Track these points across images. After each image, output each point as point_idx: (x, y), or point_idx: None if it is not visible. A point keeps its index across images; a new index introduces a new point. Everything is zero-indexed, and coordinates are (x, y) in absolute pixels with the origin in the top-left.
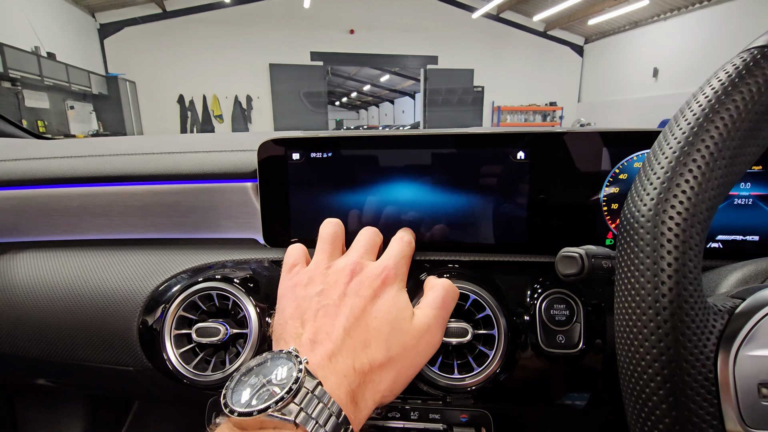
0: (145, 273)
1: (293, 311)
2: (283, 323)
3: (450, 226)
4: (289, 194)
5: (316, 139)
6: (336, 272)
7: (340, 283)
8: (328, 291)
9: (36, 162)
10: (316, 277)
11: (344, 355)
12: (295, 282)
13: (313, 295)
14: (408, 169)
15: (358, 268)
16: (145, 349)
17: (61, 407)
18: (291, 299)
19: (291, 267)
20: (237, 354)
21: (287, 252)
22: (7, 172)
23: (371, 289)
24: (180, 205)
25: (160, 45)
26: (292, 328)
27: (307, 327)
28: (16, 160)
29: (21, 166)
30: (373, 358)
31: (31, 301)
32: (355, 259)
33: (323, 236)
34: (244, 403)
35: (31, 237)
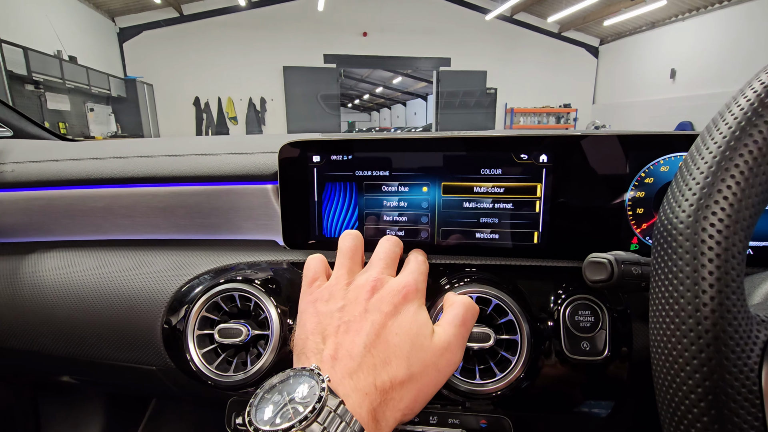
0: (168, 274)
1: (314, 326)
2: (304, 338)
3: (469, 230)
4: (308, 196)
5: (336, 141)
6: (357, 288)
7: (361, 299)
8: (348, 307)
9: (63, 163)
10: (336, 293)
11: (365, 372)
12: (315, 297)
13: (334, 311)
14: (427, 171)
15: (379, 284)
16: (168, 349)
17: (81, 404)
18: (312, 314)
19: (312, 281)
20: (258, 355)
21: (307, 264)
22: (36, 173)
23: (392, 305)
24: (201, 207)
25: (177, 48)
26: (313, 343)
27: (329, 343)
28: (44, 162)
29: (49, 168)
30: (393, 376)
31: (58, 300)
32: (376, 275)
33: (343, 250)
34: (267, 421)
35: (57, 237)
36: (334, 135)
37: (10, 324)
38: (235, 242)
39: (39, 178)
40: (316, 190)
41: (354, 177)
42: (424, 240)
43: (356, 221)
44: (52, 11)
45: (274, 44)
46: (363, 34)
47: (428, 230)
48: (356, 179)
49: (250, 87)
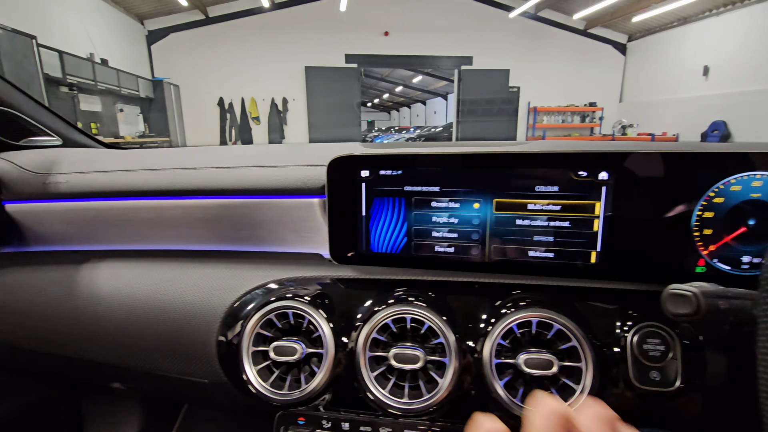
0: (220, 288)
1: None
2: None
3: (522, 248)
4: (356, 211)
5: (387, 156)
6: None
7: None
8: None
9: (113, 174)
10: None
11: None
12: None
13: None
14: (480, 188)
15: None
16: (223, 364)
17: (120, 406)
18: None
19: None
20: (311, 373)
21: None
22: (87, 184)
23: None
24: (247, 219)
25: (203, 50)
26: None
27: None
28: (94, 173)
29: (99, 179)
30: None
31: (112, 310)
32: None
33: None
34: None
35: (106, 246)
36: (383, 149)
37: (69, 333)
38: (280, 255)
39: (90, 189)
40: (364, 205)
41: (403, 192)
42: (474, 257)
43: (404, 237)
44: (86, 16)
45: (296, 44)
46: (384, 34)
47: (479, 247)
48: (405, 194)
49: (273, 87)
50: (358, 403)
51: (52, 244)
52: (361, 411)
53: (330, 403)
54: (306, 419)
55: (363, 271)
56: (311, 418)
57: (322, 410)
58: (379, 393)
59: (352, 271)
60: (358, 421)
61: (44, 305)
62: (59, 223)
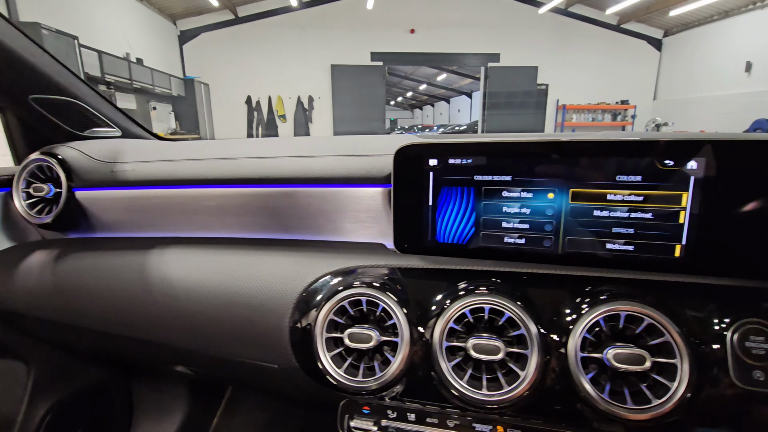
0: (288, 275)
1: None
2: None
3: (599, 239)
4: (423, 200)
5: (456, 144)
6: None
7: None
8: None
9: (178, 163)
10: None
11: None
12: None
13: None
14: (555, 177)
15: None
16: (295, 350)
17: (166, 389)
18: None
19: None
20: (384, 361)
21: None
22: (153, 172)
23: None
24: (310, 209)
25: (232, 49)
26: None
27: None
28: (160, 162)
29: (165, 167)
30: None
31: (185, 294)
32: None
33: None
34: None
35: (170, 233)
36: (453, 137)
37: (142, 316)
38: (341, 244)
39: (156, 177)
40: (431, 194)
41: (473, 182)
42: (547, 248)
43: (472, 227)
44: (123, 17)
45: (323, 43)
46: (411, 31)
47: (552, 239)
48: (475, 184)
49: (299, 85)
50: (428, 394)
51: (116, 231)
52: (427, 402)
53: (400, 393)
54: (371, 408)
55: (430, 261)
56: (376, 407)
57: (388, 400)
58: (458, 384)
59: (419, 260)
60: (424, 412)
61: (118, 289)
62: (125, 210)
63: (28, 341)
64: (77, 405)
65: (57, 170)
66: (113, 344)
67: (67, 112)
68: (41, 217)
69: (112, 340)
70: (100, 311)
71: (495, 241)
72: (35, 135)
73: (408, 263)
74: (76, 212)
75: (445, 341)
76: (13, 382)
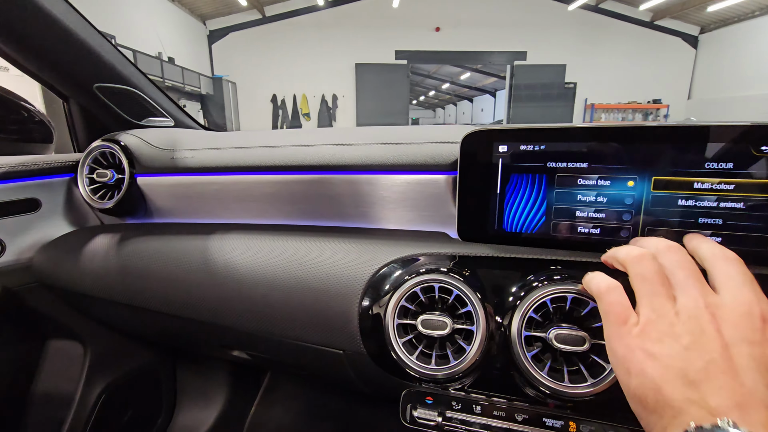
0: (353, 261)
1: (662, 372)
2: (653, 388)
3: (683, 230)
4: (490, 188)
5: (530, 130)
6: (692, 319)
7: (709, 331)
8: (700, 343)
9: (236, 151)
10: (669, 330)
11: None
12: (642, 338)
13: (680, 351)
14: (637, 164)
15: (716, 309)
16: (364, 335)
17: (210, 375)
18: (648, 358)
19: (624, 319)
20: (459, 350)
21: (608, 298)
22: (212, 158)
23: (756, 331)
24: (370, 196)
25: (259, 48)
26: (674, 392)
27: (706, 389)
28: (217, 149)
29: (223, 155)
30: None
31: (250, 278)
32: (703, 299)
33: (647, 276)
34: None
35: (226, 219)
36: (522, 125)
37: (208, 299)
38: (400, 233)
39: (215, 164)
40: (500, 182)
41: (546, 169)
42: (625, 239)
43: (543, 216)
44: (156, 17)
45: (348, 42)
46: (436, 29)
47: (630, 229)
48: (548, 171)
49: (323, 84)
50: (496, 385)
51: (171, 217)
52: (493, 394)
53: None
54: (434, 399)
55: (500, 250)
56: (440, 398)
57: (452, 391)
58: (538, 374)
59: (488, 249)
60: (491, 404)
61: (182, 272)
62: (182, 197)
63: (87, 323)
64: (128, 386)
65: (120, 156)
66: (174, 327)
67: (126, 101)
68: (103, 202)
69: (174, 323)
70: (164, 294)
71: (567, 231)
72: (95, 123)
73: (478, 251)
74: (136, 198)
75: (524, 330)
76: (72, 361)
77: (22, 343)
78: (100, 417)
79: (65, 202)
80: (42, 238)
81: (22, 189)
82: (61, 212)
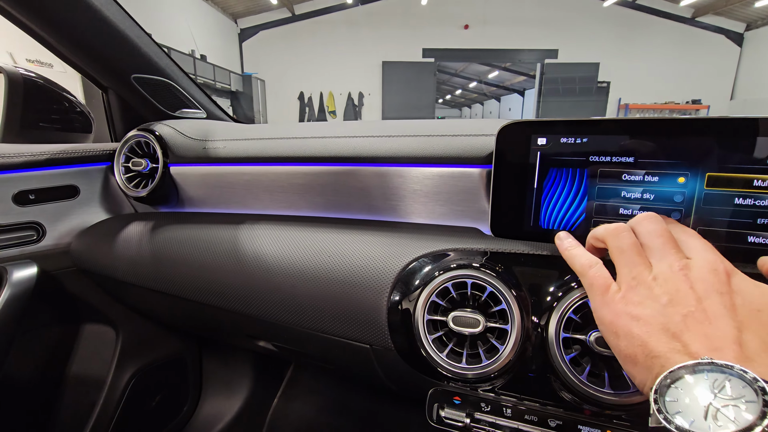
0: (384, 254)
1: (646, 331)
2: (639, 344)
3: (739, 231)
4: (526, 182)
5: (571, 122)
6: (668, 281)
7: (684, 289)
8: (677, 300)
9: (266, 142)
10: (647, 293)
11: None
12: (624, 302)
13: (660, 309)
14: (689, 159)
15: (687, 270)
16: (392, 330)
17: (234, 366)
18: (631, 320)
19: (606, 288)
20: (491, 349)
21: (591, 272)
22: (244, 149)
23: (724, 284)
24: (400, 189)
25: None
26: (658, 345)
27: (688, 337)
28: (248, 140)
29: (254, 145)
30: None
31: (278, 269)
32: (677, 263)
33: (624, 248)
34: (699, 426)
35: (256, 210)
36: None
37: (238, 288)
38: (433, 227)
39: (246, 155)
40: (537, 176)
41: (588, 163)
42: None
43: (583, 213)
44: (190, 16)
45: (375, 40)
46: (464, 27)
47: None
48: (590, 165)
49: (350, 82)
50: (528, 388)
51: (202, 206)
52: (525, 397)
53: (499, 387)
54: (462, 399)
55: (537, 247)
56: (469, 398)
57: (481, 392)
58: (577, 379)
59: (525, 246)
60: (523, 408)
61: (213, 261)
62: (213, 186)
63: (120, 309)
64: (157, 373)
65: (155, 146)
66: (203, 315)
67: (161, 92)
68: (138, 190)
69: (203, 311)
70: (195, 281)
71: None
72: (131, 114)
73: (512, 248)
74: (168, 187)
75: (562, 332)
76: (105, 345)
77: (59, 325)
78: (129, 400)
79: (102, 190)
80: (80, 224)
81: (63, 176)
82: (97, 199)
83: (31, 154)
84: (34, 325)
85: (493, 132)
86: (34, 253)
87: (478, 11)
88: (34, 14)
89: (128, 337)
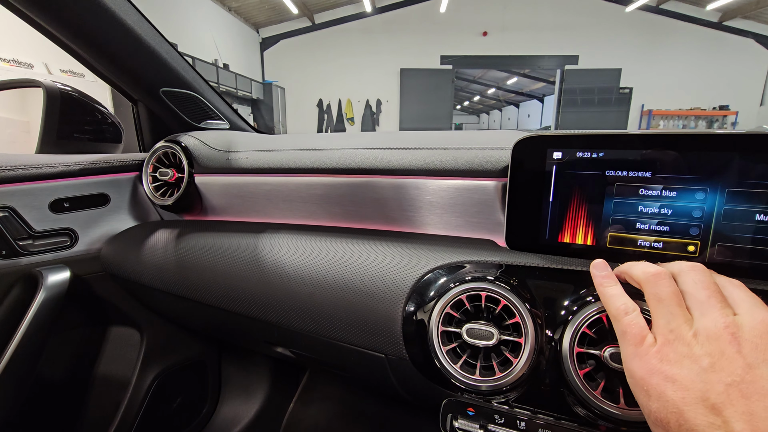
0: (400, 265)
1: (682, 396)
2: (675, 411)
3: (760, 248)
4: (542, 196)
5: (587, 136)
6: (711, 339)
7: (729, 352)
8: (720, 364)
9: (287, 153)
10: (687, 351)
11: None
12: (659, 359)
13: (699, 373)
14: (709, 175)
15: (735, 329)
16: (407, 340)
17: (252, 370)
18: (666, 380)
19: (641, 339)
20: (505, 362)
21: (627, 320)
22: (265, 160)
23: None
24: (416, 201)
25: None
26: (695, 416)
27: (729, 413)
28: (271, 151)
29: (275, 157)
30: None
31: (298, 277)
32: (723, 319)
33: (663, 297)
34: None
35: (276, 219)
36: (579, 130)
37: (257, 295)
38: (449, 239)
39: (268, 165)
40: (552, 190)
41: (604, 177)
42: (691, 255)
43: (598, 227)
44: (214, 26)
45: (393, 47)
46: (483, 34)
47: (697, 245)
48: (606, 180)
49: (368, 89)
50: (541, 401)
51: (225, 215)
52: (539, 410)
53: (513, 399)
54: (476, 411)
55: (551, 261)
56: (482, 410)
57: (495, 404)
58: (591, 394)
59: (539, 259)
60: (537, 422)
61: (235, 268)
62: (236, 196)
63: (145, 313)
64: (179, 375)
65: (180, 156)
66: (224, 321)
67: (187, 104)
68: (164, 199)
69: (224, 317)
70: (217, 288)
71: (626, 244)
72: (159, 125)
73: (527, 261)
74: (193, 196)
75: (576, 346)
76: (130, 348)
77: (87, 327)
78: (152, 401)
79: (131, 198)
80: (109, 231)
81: (95, 185)
82: (126, 207)
83: (67, 165)
84: (65, 327)
85: (509, 145)
86: (67, 258)
87: (497, 18)
88: (74, 35)
89: (152, 339)
